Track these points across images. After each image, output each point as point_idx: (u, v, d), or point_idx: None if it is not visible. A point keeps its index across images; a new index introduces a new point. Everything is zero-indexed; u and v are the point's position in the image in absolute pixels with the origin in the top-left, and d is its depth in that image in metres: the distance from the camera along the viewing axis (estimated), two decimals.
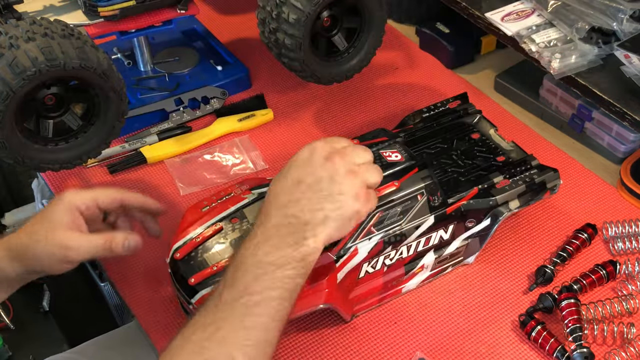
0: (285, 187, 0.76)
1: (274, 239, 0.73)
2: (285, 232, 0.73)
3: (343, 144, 0.80)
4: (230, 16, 1.51)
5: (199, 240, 0.91)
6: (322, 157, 0.77)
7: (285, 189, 0.76)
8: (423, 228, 0.93)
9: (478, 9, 1.19)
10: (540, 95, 1.28)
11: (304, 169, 0.76)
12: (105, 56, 0.97)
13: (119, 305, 1.31)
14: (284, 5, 1.04)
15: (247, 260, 0.72)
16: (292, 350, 0.93)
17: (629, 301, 0.95)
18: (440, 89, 1.33)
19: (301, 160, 0.77)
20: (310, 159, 0.77)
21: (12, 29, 0.92)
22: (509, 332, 0.95)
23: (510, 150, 1.05)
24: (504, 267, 1.03)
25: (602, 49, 1.08)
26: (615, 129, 1.17)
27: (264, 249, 0.72)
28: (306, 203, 0.74)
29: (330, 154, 0.77)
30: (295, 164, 0.78)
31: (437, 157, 1.03)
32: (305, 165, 0.77)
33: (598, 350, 0.91)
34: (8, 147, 0.94)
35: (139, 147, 1.20)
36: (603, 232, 1.06)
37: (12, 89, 0.89)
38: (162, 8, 1.14)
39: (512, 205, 0.98)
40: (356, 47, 1.15)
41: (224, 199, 0.96)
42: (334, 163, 0.76)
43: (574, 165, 1.18)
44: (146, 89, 1.26)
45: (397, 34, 1.46)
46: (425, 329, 0.95)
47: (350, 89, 1.32)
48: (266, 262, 0.72)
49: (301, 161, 0.77)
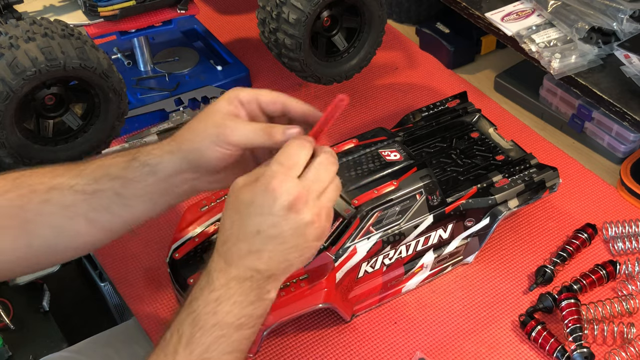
0: (243, 233, 0.68)
1: (235, 296, 0.68)
2: (247, 287, 0.69)
3: (300, 164, 0.68)
4: (230, 16, 1.51)
5: (198, 240, 0.91)
6: (284, 208, 0.66)
7: (243, 236, 0.68)
8: (422, 227, 0.93)
9: (478, 9, 1.19)
10: (540, 95, 1.28)
11: (262, 217, 0.67)
12: (105, 56, 0.97)
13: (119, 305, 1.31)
14: (284, 5, 1.04)
15: (208, 320, 0.68)
16: (292, 350, 0.93)
17: (629, 301, 0.95)
18: (440, 88, 1.33)
19: (259, 207, 0.67)
20: (270, 206, 0.66)
21: (12, 29, 0.92)
22: (509, 332, 0.95)
23: (510, 149, 1.05)
24: (504, 267, 1.03)
25: (602, 49, 1.08)
26: (615, 129, 1.17)
27: (225, 307, 0.68)
28: (269, 256, 0.68)
29: (293, 201, 0.66)
30: (253, 209, 0.67)
31: (436, 156, 1.03)
32: (264, 214, 0.66)
33: (598, 350, 0.91)
34: (8, 147, 0.95)
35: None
36: (603, 232, 1.06)
37: (12, 89, 0.89)
38: (162, 8, 1.14)
39: (511, 204, 0.98)
40: (356, 47, 1.15)
41: (222, 198, 0.96)
42: (298, 213, 0.67)
43: (574, 165, 1.18)
44: (146, 89, 1.26)
45: (397, 34, 1.46)
46: (425, 329, 0.95)
47: (350, 89, 1.32)
48: (226, 323, 0.68)
49: (259, 208, 0.67)
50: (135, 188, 0.76)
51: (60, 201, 0.76)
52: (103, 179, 0.76)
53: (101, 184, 0.76)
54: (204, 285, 0.69)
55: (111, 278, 1.03)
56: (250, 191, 0.67)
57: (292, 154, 0.68)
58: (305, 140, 0.69)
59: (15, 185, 0.77)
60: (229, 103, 0.74)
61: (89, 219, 0.76)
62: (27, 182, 0.77)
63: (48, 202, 0.76)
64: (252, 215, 0.67)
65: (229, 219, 0.69)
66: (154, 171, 0.75)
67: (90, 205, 0.76)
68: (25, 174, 0.78)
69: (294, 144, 0.69)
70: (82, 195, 0.76)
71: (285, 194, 0.66)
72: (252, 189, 0.67)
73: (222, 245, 0.69)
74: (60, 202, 0.76)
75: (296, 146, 0.68)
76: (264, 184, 0.66)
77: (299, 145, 0.68)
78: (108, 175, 0.76)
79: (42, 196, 0.76)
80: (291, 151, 0.68)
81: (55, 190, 0.76)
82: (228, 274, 0.69)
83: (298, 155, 0.68)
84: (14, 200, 0.76)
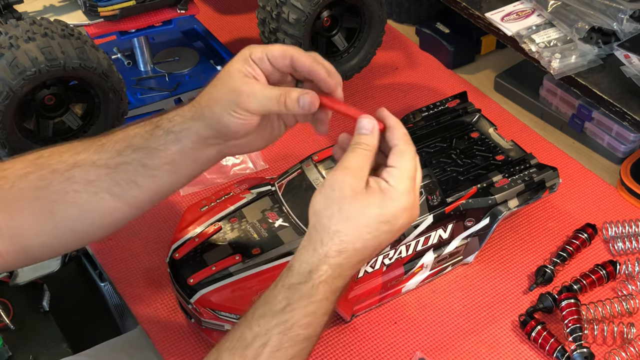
0: (366, 248, 0.68)
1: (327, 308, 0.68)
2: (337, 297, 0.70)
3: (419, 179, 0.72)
4: (230, 16, 1.51)
5: (198, 240, 0.91)
6: (408, 224, 0.70)
7: (363, 252, 0.68)
8: (422, 227, 0.93)
9: (478, 9, 1.18)
10: (540, 95, 1.28)
11: (390, 235, 0.69)
12: (105, 56, 0.97)
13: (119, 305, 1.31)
14: (284, 5, 1.04)
15: (300, 333, 0.66)
16: None
17: (629, 301, 0.95)
18: (440, 88, 1.33)
19: (389, 227, 0.68)
20: (400, 228, 0.69)
21: (12, 29, 0.92)
22: (509, 332, 0.95)
23: (510, 149, 1.05)
24: (504, 267, 1.03)
25: (602, 49, 1.08)
26: (615, 129, 1.17)
27: (316, 320, 0.67)
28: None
29: (414, 216, 0.70)
30: (385, 228, 0.68)
31: (436, 156, 1.03)
32: (392, 232, 0.68)
33: (598, 350, 0.91)
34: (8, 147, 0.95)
35: None
36: (603, 232, 1.06)
37: (12, 89, 0.89)
38: (162, 8, 1.14)
39: (511, 204, 0.98)
40: (356, 47, 1.15)
41: (222, 198, 0.96)
42: (411, 218, 0.70)
43: (574, 165, 1.18)
44: (146, 89, 1.26)
45: (397, 34, 1.46)
46: (425, 329, 0.95)
47: (350, 89, 1.32)
48: (314, 335, 0.68)
49: (389, 228, 0.68)
50: (160, 157, 0.74)
51: (83, 177, 0.75)
52: (126, 151, 0.75)
53: (125, 156, 0.75)
54: (305, 294, 0.66)
55: (111, 278, 1.03)
56: (379, 206, 0.67)
57: (412, 169, 0.69)
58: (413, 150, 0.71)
59: (36, 166, 0.75)
60: (244, 62, 0.73)
61: (114, 194, 0.75)
62: (47, 162, 0.75)
63: (70, 180, 0.74)
64: (382, 233, 0.68)
65: (351, 230, 0.67)
66: (178, 138, 0.74)
67: (114, 179, 0.75)
68: (44, 154, 0.77)
69: (412, 159, 0.70)
70: (105, 169, 0.75)
71: (414, 217, 0.70)
72: (381, 205, 0.67)
73: (338, 254, 0.67)
74: (83, 179, 0.75)
75: (413, 160, 0.70)
76: (395, 200, 0.67)
77: (414, 159, 0.70)
78: (131, 147, 0.75)
79: (65, 174, 0.75)
80: (413, 171, 0.69)
81: (78, 168, 0.75)
82: (333, 286, 0.67)
83: (416, 168, 0.70)
84: (35, 181, 0.75)
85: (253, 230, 0.92)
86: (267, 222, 0.92)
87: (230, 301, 0.86)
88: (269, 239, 0.91)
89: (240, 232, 0.92)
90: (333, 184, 0.67)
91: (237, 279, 0.87)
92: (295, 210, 0.93)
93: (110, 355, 1.03)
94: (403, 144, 0.70)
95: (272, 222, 0.92)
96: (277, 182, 0.97)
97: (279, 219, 0.93)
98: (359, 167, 0.68)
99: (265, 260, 0.88)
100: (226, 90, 0.72)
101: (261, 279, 0.87)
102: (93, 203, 0.75)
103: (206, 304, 0.87)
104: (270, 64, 0.73)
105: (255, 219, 0.93)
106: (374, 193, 0.67)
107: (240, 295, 0.86)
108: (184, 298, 0.88)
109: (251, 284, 0.87)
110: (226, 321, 0.87)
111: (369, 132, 0.70)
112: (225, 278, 0.87)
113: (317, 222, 0.67)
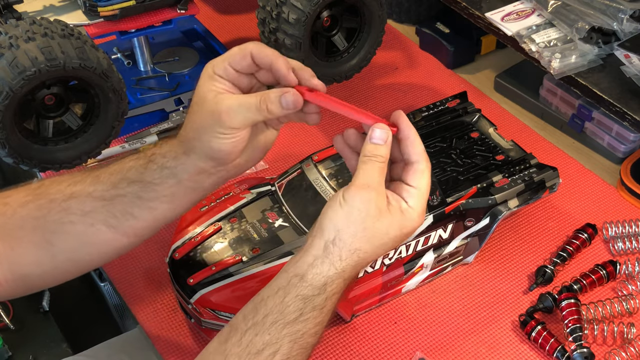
0: (371, 257, 0.69)
1: (330, 314, 0.69)
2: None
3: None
4: (230, 16, 1.51)
5: (198, 240, 0.91)
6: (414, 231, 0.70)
7: (370, 260, 0.69)
8: (422, 227, 0.93)
9: (478, 9, 1.18)
10: (540, 95, 1.28)
11: (394, 243, 0.69)
12: (105, 56, 0.97)
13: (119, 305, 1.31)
14: (284, 5, 1.04)
15: (310, 342, 0.67)
16: None
17: (629, 301, 0.95)
18: (440, 88, 1.33)
19: (394, 234, 0.68)
20: (406, 235, 0.69)
21: (12, 29, 0.92)
22: (509, 332, 0.95)
23: (510, 149, 1.05)
24: (504, 267, 1.03)
25: (602, 49, 1.08)
26: (615, 129, 1.17)
27: (322, 328, 0.68)
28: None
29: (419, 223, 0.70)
30: (388, 239, 0.68)
31: (436, 156, 1.03)
32: (396, 240, 0.69)
33: (598, 350, 0.91)
34: (8, 147, 0.94)
35: (139, 147, 1.20)
36: (603, 232, 1.06)
37: (12, 89, 0.89)
38: (162, 8, 1.14)
39: (511, 204, 0.97)
40: (356, 47, 1.15)
41: (222, 198, 0.96)
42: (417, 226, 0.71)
43: (574, 165, 1.18)
44: (146, 89, 1.26)
45: (397, 34, 1.46)
46: (425, 329, 0.95)
47: (350, 89, 1.32)
48: (318, 341, 0.70)
49: (394, 235, 0.68)
50: (156, 190, 0.74)
51: (80, 208, 0.75)
52: (121, 184, 0.75)
53: (120, 189, 0.75)
54: (318, 305, 0.66)
55: (111, 278, 1.03)
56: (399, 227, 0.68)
57: (428, 189, 0.70)
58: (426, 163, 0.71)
59: (36, 196, 0.76)
60: (211, 80, 0.71)
61: (110, 225, 0.75)
62: (46, 191, 0.76)
63: (67, 211, 0.75)
64: (391, 248, 0.69)
65: (371, 248, 0.67)
66: (173, 173, 0.74)
67: (109, 211, 0.75)
68: (44, 184, 0.77)
69: (429, 179, 0.70)
70: (101, 201, 0.75)
71: (420, 223, 0.70)
72: (401, 226, 0.68)
73: (353, 269, 0.67)
74: (80, 210, 0.75)
75: (429, 179, 0.70)
76: (413, 221, 0.68)
77: (430, 178, 0.70)
78: (126, 180, 0.74)
79: (62, 204, 0.75)
80: (428, 191, 0.70)
81: (74, 199, 0.75)
82: (340, 296, 0.68)
83: (428, 183, 0.70)
84: (34, 211, 0.76)
85: (253, 230, 0.92)
86: (267, 222, 0.92)
87: (230, 301, 0.86)
88: (269, 239, 0.91)
89: (240, 232, 0.92)
90: (359, 203, 0.66)
91: (237, 279, 0.87)
92: (295, 210, 0.93)
93: (110, 355, 1.03)
94: (424, 162, 0.70)
95: (272, 222, 0.92)
96: (277, 182, 0.97)
97: (279, 219, 0.93)
98: (379, 182, 0.67)
99: (265, 260, 0.88)
100: (205, 116, 0.70)
101: (261, 279, 0.87)
102: (90, 234, 0.76)
103: (206, 304, 0.87)
104: (235, 70, 0.71)
105: (255, 219, 0.93)
106: (396, 214, 0.67)
107: (240, 295, 0.86)
108: (184, 298, 0.88)
109: (251, 284, 0.87)
110: (226, 321, 0.87)
111: (384, 142, 0.69)
112: (225, 278, 0.87)
113: (338, 237, 0.67)
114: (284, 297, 0.66)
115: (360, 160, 0.68)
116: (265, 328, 0.66)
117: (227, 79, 0.71)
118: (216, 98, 0.70)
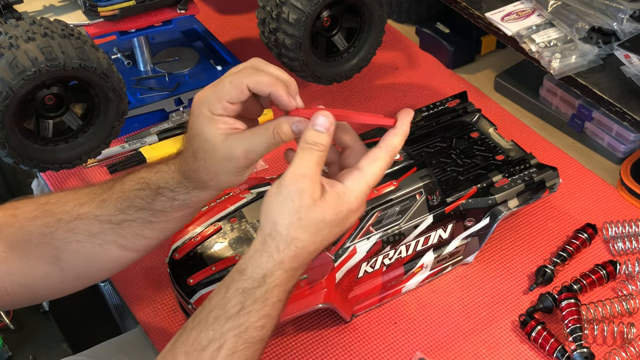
0: (318, 249, 0.68)
1: (279, 309, 0.69)
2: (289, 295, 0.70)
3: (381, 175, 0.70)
4: (230, 16, 1.51)
5: (198, 240, 0.91)
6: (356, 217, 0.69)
7: (314, 252, 0.68)
8: (422, 227, 0.93)
9: (478, 9, 1.18)
10: (540, 95, 1.28)
11: (339, 229, 0.68)
12: (105, 56, 0.97)
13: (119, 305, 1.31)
14: (284, 5, 1.04)
15: (256, 335, 0.67)
16: (292, 350, 0.93)
17: (629, 301, 0.95)
18: (440, 88, 1.33)
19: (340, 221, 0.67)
20: (349, 221, 0.69)
21: (12, 29, 0.92)
22: (509, 332, 0.95)
23: (510, 149, 1.05)
24: (504, 267, 1.03)
25: (602, 49, 1.08)
26: (615, 129, 1.17)
27: (271, 321, 0.68)
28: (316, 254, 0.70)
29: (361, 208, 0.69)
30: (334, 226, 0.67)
31: (436, 156, 1.03)
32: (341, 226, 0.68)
33: (598, 350, 0.91)
34: (8, 147, 0.94)
35: (139, 147, 1.20)
36: (603, 232, 1.06)
37: (12, 89, 0.89)
38: (162, 8, 1.14)
39: (511, 204, 0.97)
40: (356, 47, 1.15)
41: (222, 198, 0.96)
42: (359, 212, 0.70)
43: (574, 165, 1.18)
44: (146, 89, 1.26)
45: (397, 34, 1.46)
46: (425, 329, 0.95)
47: (350, 89, 1.32)
48: (267, 336, 0.69)
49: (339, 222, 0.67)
50: (166, 215, 0.75)
51: (86, 230, 0.76)
52: (129, 210, 0.75)
53: (128, 215, 0.75)
54: (259, 297, 0.66)
55: (111, 278, 1.03)
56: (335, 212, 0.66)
57: (375, 179, 0.68)
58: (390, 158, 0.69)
59: (43, 212, 0.77)
60: (211, 123, 0.69)
61: (120, 245, 0.77)
62: (53, 209, 0.77)
63: (74, 232, 0.76)
64: (332, 235, 0.68)
65: (308, 236, 0.66)
66: (186, 204, 0.75)
67: (119, 234, 0.76)
68: (51, 200, 0.78)
69: (381, 170, 0.68)
70: (108, 224, 0.76)
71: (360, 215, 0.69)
72: (337, 211, 0.66)
73: (292, 260, 0.67)
74: (87, 231, 0.76)
75: (381, 171, 0.69)
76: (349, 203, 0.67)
77: (383, 170, 0.69)
78: (134, 207, 0.75)
79: (69, 225, 0.76)
80: (374, 182, 0.69)
81: (80, 220, 0.76)
82: (286, 288, 0.68)
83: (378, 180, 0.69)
84: (42, 227, 0.76)
85: (253, 230, 0.92)
86: None
87: None
88: None
89: (240, 232, 0.92)
90: (291, 193, 0.65)
91: None
92: None
93: (110, 355, 1.03)
94: (385, 152, 0.68)
95: None
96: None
97: None
98: (315, 172, 0.66)
99: None
100: (221, 162, 0.70)
101: None
102: (98, 253, 0.77)
103: None
104: (232, 104, 0.70)
105: (255, 219, 0.93)
106: (331, 199, 0.66)
107: None
108: (184, 298, 0.88)
109: None
110: None
111: (326, 130, 0.67)
112: None
113: (274, 229, 0.66)
114: (226, 292, 0.67)
115: (300, 147, 0.67)
116: (209, 324, 0.66)
117: (228, 115, 0.70)
118: (227, 142, 0.69)
